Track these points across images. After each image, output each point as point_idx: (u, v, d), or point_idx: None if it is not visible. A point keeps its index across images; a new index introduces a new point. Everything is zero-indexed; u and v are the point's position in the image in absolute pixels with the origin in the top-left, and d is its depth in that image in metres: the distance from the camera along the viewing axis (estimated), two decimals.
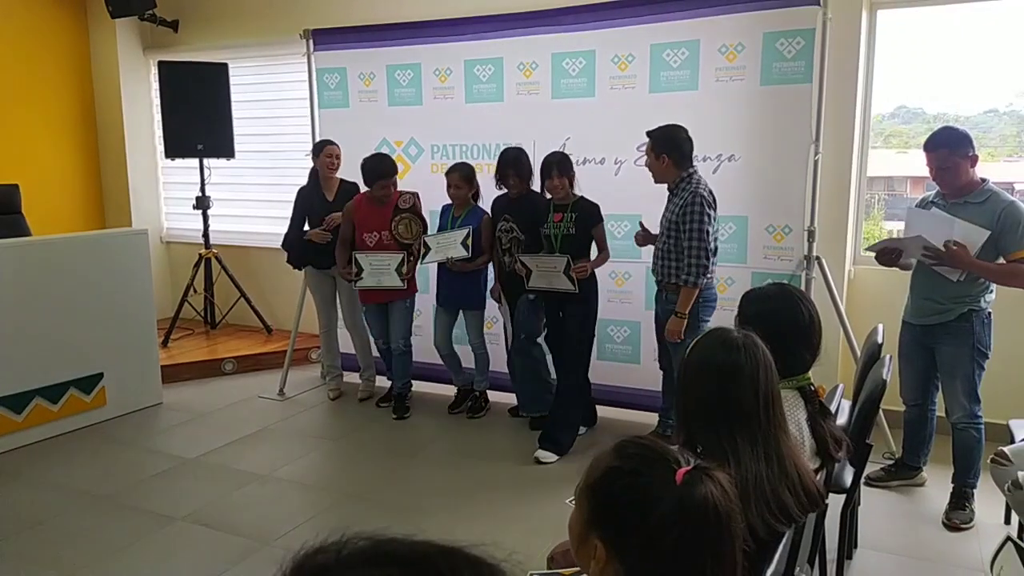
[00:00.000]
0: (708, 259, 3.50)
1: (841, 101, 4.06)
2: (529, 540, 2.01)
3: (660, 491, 1.10)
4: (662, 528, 1.08)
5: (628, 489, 1.12)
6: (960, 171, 3.07)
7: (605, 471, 1.15)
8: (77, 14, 6.35)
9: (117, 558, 3.01)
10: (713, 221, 3.54)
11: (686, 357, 1.67)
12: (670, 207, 3.63)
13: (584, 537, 1.14)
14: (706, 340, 1.66)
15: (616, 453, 1.17)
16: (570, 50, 4.25)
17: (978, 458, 3.22)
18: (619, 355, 4.38)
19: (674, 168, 3.58)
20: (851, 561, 2.92)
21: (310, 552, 0.61)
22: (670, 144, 3.55)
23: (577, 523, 1.16)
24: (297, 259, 4.81)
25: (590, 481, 1.16)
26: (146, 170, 6.64)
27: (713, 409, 1.57)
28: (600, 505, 1.14)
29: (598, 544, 1.11)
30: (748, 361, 1.59)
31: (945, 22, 4.21)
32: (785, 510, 1.53)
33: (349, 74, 4.90)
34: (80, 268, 4.36)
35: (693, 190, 3.51)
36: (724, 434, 1.55)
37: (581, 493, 1.17)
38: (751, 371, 1.58)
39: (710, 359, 1.61)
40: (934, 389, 3.41)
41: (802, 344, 1.99)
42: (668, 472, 1.12)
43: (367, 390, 4.92)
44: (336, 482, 3.76)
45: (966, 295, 3.14)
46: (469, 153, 4.60)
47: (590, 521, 1.14)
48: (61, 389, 4.27)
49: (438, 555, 0.62)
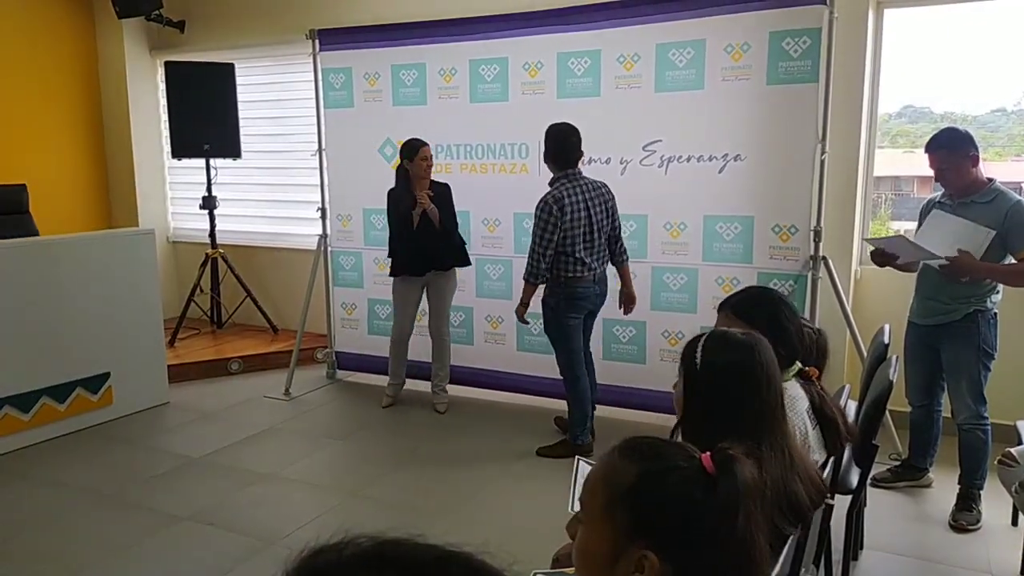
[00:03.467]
0: (544, 259, 3.70)
1: (848, 100, 4.05)
2: (535, 540, 2.01)
3: (698, 482, 1.07)
4: (714, 518, 1.05)
5: (671, 488, 1.07)
6: (961, 171, 3.07)
7: (638, 477, 1.07)
8: (84, 15, 6.37)
9: (123, 557, 3.02)
10: (559, 225, 3.67)
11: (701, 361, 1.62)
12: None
13: (618, 553, 1.05)
14: (715, 344, 1.65)
15: (634, 456, 1.11)
16: (575, 50, 4.25)
17: (984, 459, 3.20)
18: (624, 355, 4.37)
19: (553, 166, 3.80)
20: (857, 562, 2.91)
21: (311, 554, 0.61)
22: (549, 142, 3.78)
23: (605, 541, 1.07)
24: (399, 265, 4.47)
25: (620, 492, 1.07)
26: (153, 170, 6.66)
27: (735, 410, 1.57)
28: (644, 512, 1.06)
29: (647, 554, 1.03)
30: (762, 359, 1.61)
31: (952, 21, 4.19)
32: (797, 507, 1.55)
33: (354, 74, 4.90)
34: (87, 268, 4.38)
35: (549, 193, 3.72)
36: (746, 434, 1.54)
37: (607, 508, 1.07)
38: (767, 369, 1.60)
39: (726, 361, 1.61)
40: (940, 390, 3.39)
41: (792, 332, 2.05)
42: (694, 462, 1.09)
43: (443, 401, 4.64)
44: (342, 481, 3.77)
45: (971, 295, 3.13)
46: (474, 153, 4.60)
47: (631, 533, 1.05)
48: (68, 388, 4.28)
49: (438, 561, 0.61)
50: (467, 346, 4.78)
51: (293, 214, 6.07)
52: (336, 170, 5.07)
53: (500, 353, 4.72)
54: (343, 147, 5.01)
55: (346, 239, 5.13)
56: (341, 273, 5.20)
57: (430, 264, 4.41)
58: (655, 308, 4.27)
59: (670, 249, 4.20)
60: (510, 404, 4.68)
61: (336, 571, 0.59)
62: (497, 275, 4.64)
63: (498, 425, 4.42)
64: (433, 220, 4.25)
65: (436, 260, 4.41)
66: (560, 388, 4.30)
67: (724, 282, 4.08)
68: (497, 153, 4.53)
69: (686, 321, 4.18)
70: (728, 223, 4.05)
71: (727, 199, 4.03)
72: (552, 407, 4.40)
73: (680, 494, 1.06)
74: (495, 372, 4.74)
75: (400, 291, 4.55)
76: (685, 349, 1.67)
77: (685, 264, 4.17)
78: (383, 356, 4.95)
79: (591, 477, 1.14)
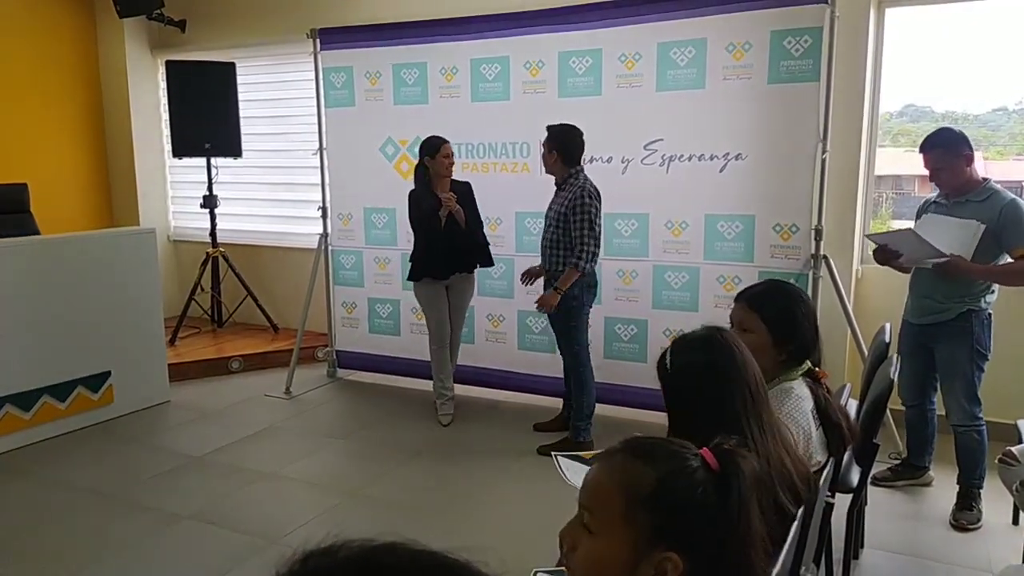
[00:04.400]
0: (596, 246, 3.79)
1: (849, 99, 4.04)
2: (535, 539, 2.02)
3: (710, 480, 1.07)
4: (727, 514, 1.05)
5: (690, 489, 1.06)
6: (955, 171, 3.09)
7: (659, 481, 1.06)
8: (85, 14, 6.37)
9: (124, 555, 3.02)
10: (599, 214, 3.81)
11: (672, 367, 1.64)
12: (558, 200, 3.85)
13: (639, 559, 1.04)
14: (679, 348, 1.66)
15: (648, 459, 1.09)
16: (577, 49, 4.25)
17: (982, 459, 3.20)
18: (625, 353, 4.37)
19: (562, 164, 3.82)
20: (857, 561, 2.91)
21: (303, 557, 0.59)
22: (560, 141, 3.80)
23: (624, 548, 1.05)
24: (423, 269, 4.28)
25: (640, 497, 1.05)
26: (154, 169, 6.67)
27: (718, 404, 1.58)
28: (666, 516, 1.05)
29: (670, 556, 1.02)
30: (733, 350, 1.63)
31: (953, 20, 4.19)
32: (793, 486, 1.57)
33: (355, 73, 4.90)
34: (88, 267, 4.38)
35: (581, 184, 3.78)
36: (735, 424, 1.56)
37: (627, 515, 1.05)
38: (740, 359, 1.62)
39: (692, 360, 1.63)
40: (932, 389, 3.39)
41: (805, 331, 2.05)
42: (699, 459, 1.09)
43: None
44: (342, 480, 3.77)
45: (965, 295, 3.13)
46: (475, 152, 4.60)
47: (652, 537, 1.04)
48: (69, 387, 4.28)
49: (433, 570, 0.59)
50: (468, 345, 4.78)
51: (294, 213, 6.08)
52: (337, 169, 5.07)
53: (501, 352, 4.72)
54: (344, 146, 5.01)
55: (347, 238, 5.13)
56: (342, 272, 5.20)
57: (455, 266, 4.29)
58: (656, 307, 4.27)
59: (671, 248, 4.20)
60: (511, 403, 4.69)
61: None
62: (498, 274, 4.64)
63: (499, 424, 4.42)
64: (459, 220, 4.17)
65: (461, 262, 4.31)
66: (560, 387, 4.31)
67: (725, 280, 4.08)
68: (498, 152, 4.53)
69: (687, 320, 4.18)
70: (729, 222, 4.05)
71: (728, 198, 4.03)
72: (553, 406, 4.40)
73: (699, 495, 1.06)
74: (496, 371, 4.74)
75: (427, 295, 4.33)
76: (659, 361, 1.68)
77: (686, 263, 4.17)
78: (383, 355, 4.95)
79: (598, 483, 1.11)
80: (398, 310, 5.05)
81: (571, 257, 3.77)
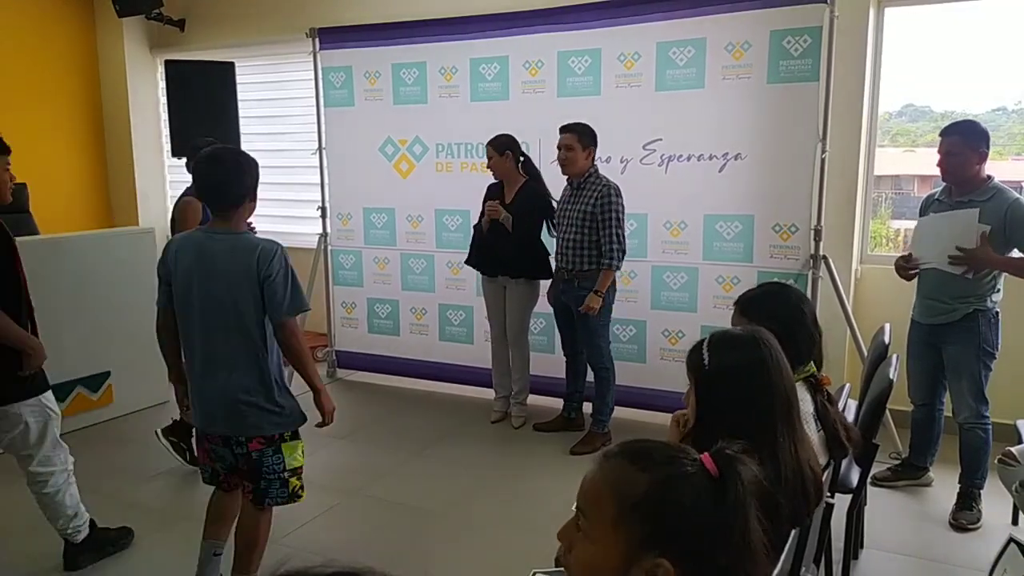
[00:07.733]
0: (625, 242, 3.84)
1: (848, 99, 4.04)
2: (535, 539, 2.01)
3: (707, 487, 1.04)
4: (724, 521, 1.03)
5: (684, 495, 1.03)
6: (966, 162, 3.09)
7: (650, 486, 1.04)
8: (84, 13, 6.36)
9: (123, 555, 3.02)
10: (624, 211, 3.84)
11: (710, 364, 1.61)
12: (581, 200, 3.84)
13: (630, 564, 1.02)
14: (720, 345, 1.64)
15: (641, 463, 1.07)
16: (576, 48, 4.25)
17: (985, 458, 3.20)
18: (624, 354, 4.37)
19: (591, 162, 3.86)
20: (857, 561, 2.91)
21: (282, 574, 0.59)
22: (593, 138, 3.83)
23: (615, 553, 1.03)
24: (470, 255, 4.36)
25: (631, 502, 1.03)
26: (153, 169, 6.67)
27: (750, 406, 1.56)
28: (658, 522, 1.03)
29: (661, 562, 1.00)
30: (769, 350, 1.61)
31: (953, 19, 4.19)
32: (806, 492, 1.56)
33: (354, 73, 4.90)
34: (87, 267, 4.38)
35: (605, 183, 3.81)
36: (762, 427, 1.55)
37: (617, 519, 1.04)
38: (775, 358, 1.61)
39: (735, 360, 1.61)
40: (942, 389, 3.39)
41: (803, 335, 2.03)
42: (698, 465, 1.07)
43: (520, 416, 4.42)
44: (342, 481, 3.76)
45: (971, 295, 3.13)
46: (474, 152, 4.60)
47: (643, 543, 1.02)
48: (68, 387, 4.28)
49: None
50: (468, 345, 4.78)
51: (293, 213, 6.07)
52: (336, 169, 5.07)
53: None
54: (343, 146, 5.01)
55: (346, 238, 5.13)
56: (341, 272, 5.20)
57: (496, 267, 4.23)
58: (655, 307, 4.27)
59: (670, 248, 4.20)
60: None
61: None
62: None
63: (499, 424, 4.42)
64: (506, 225, 4.07)
65: (503, 265, 4.21)
66: (560, 387, 4.31)
67: (724, 281, 4.08)
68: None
69: (686, 320, 4.19)
70: (728, 222, 4.05)
71: (727, 198, 4.03)
72: (554, 406, 4.40)
73: (693, 501, 1.04)
74: None
75: (484, 291, 4.40)
76: (690, 356, 1.65)
77: (685, 263, 4.17)
78: (383, 355, 4.95)
79: (592, 485, 1.09)
80: (397, 310, 5.05)
81: (598, 256, 3.81)
